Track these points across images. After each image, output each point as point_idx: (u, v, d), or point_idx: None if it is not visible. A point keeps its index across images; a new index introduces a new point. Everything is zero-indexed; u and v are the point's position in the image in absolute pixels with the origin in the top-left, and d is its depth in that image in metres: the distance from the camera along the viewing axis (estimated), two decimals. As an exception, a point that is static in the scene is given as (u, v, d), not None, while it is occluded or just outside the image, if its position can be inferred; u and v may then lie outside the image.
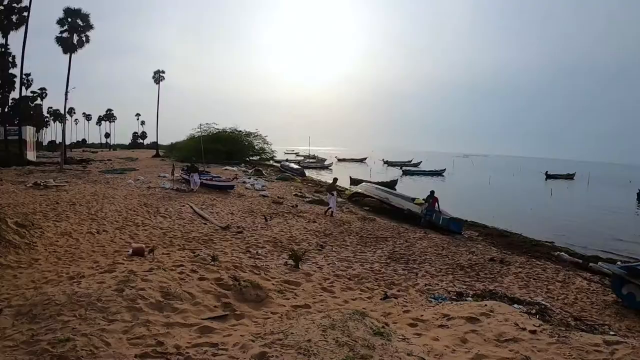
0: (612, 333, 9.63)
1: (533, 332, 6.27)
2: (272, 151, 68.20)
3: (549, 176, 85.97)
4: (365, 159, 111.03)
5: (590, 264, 17.32)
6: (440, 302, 8.80)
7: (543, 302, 11.26)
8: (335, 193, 21.43)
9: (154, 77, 75.47)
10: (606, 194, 61.52)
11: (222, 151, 53.55)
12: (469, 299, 10.09)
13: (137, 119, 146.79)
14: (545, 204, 44.77)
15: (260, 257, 11.84)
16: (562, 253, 19.63)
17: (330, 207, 21.31)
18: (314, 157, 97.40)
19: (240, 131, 62.86)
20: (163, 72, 75.91)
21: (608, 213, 39.66)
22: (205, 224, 15.81)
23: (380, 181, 41.60)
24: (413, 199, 25.30)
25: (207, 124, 59.66)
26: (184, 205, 18.79)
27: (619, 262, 16.06)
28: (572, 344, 5.91)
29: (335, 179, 25.22)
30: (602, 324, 10.56)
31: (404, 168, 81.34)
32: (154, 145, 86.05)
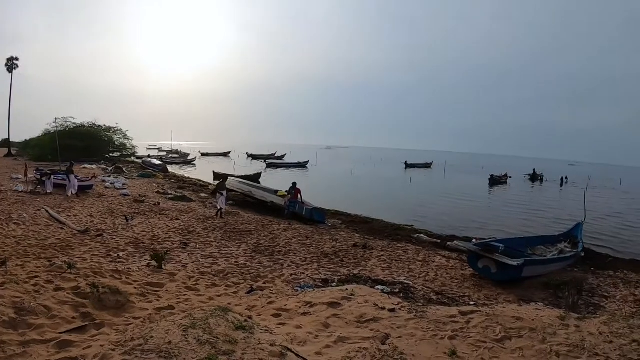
0: (472, 303, 10.40)
1: (392, 310, 6.58)
2: (134, 147, 65.45)
3: (408, 165, 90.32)
4: (229, 152, 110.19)
5: (448, 243, 18.33)
6: (306, 290, 8.99)
7: (406, 281, 11.90)
8: (224, 192, 21.10)
9: (6, 65, 66.03)
10: (461, 180, 65.78)
11: (80, 147, 49.93)
12: (334, 284, 10.41)
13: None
14: (405, 190, 46.85)
15: (121, 260, 11.38)
16: (422, 235, 20.65)
17: (221, 208, 20.90)
18: (177, 152, 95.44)
19: (100, 126, 59.36)
20: (17, 59, 66.81)
21: (462, 197, 42.28)
22: (62, 228, 14.98)
23: (244, 175, 41.52)
24: (276, 192, 25.56)
25: (63, 117, 56.02)
26: (39, 210, 17.67)
27: (474, 240, 17.10)
28: (430, 317, 6.29)
29: (225, 177, 24.87)
30: (462, 296, 11.39)
31: (268, 161, 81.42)
32: (6, 143, 76.15)
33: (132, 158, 63.44)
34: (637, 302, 12.50)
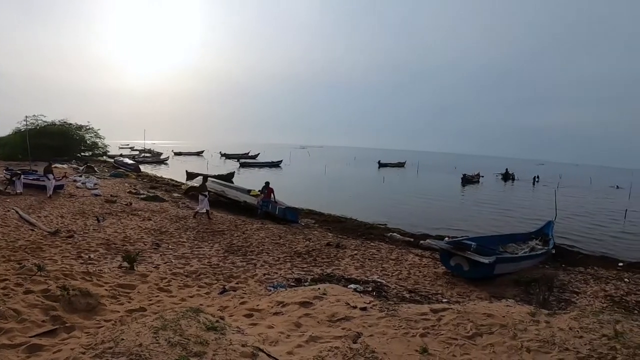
0: (445, 300, 10.49)
1: (364, 309, 6.60)
2: (105, 146, 64.17)
3: (381, 165, 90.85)
4: (202, 152, 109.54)
5: (421, 242, 18.49)
6: (279, 290, 8.98)
7: (379, 280, 11.96)
8: (207, 194, 20.92)
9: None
10: (433, 179, 66.59)
11: (51, 147, 48.46)
12: (307, 284, 10.43)
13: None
14: (378, 190, 47.06)
15: (92, 262, 11.21)
16: (395, 233, 20.77)
17: (203, 209, 20.56)
18: (149, 151, 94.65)
19: (71, 124, 58.31)
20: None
21: (435, 196, 42.68)
22: (33, 230, 14.75)
23: (217, 174, 41.35)
24: (249, 191, 25.49)
25: (34, 115, 54.94)
26: (9, 211, 17.38)
27: (446, 238, 17.31)
28: (401, 315, 6.31)
29: (206, 178, 24.67)
30: (435, 293, 11.49)
31: (241, 160, 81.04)
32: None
33: (104, 157, 62.34)
34: (607, 298, 12.76)
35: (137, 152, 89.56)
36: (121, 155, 66.04)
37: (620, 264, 17.93)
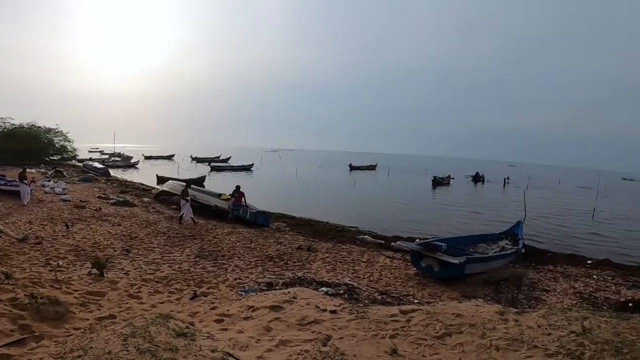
0: (416, 301, 10.56)
1: (333, 311, 6.64)
2: (75, 149, 62.86)
3: (352, 167, 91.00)
4: (173, 155, 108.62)
5: (392, 244, 18.56)
6: (250, 295, 8.96)
7: (350, 282, 12.00)
8: (189, 199, 20.73)
9: None
10: (405, 182, 67.11)
11: (19, 150, 46.86)
12: (279, 287, 10.42)
13: None
14: (350, 192, 47.23)
15: (61, 269, 11.03)
16: (366, 236, 20.86)
17: (184, 214, 20.43)
18: (119, 155, 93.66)
19: (40, 127, 57.15)
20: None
21: (406, 198, 43.03)
22: (0, 236, 14.57)
23: (188, 178, 41.08)
24: (220, 195, 25.35)
25: (1, 118, 53.66)
26: (-27, 218, 17.08)
27: (417, 240, 17.39)
28: (371, 317, 6.36)
29: (188, 183, 24.40)
30: (406, 295, 11.57)
31: (212, 164, 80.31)
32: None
33: (73, 161, 60.97)
34: (576, 295, 13.02)
35: (106, 156, 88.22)
36: (90, 159, 65.10)
37: (589, 262, 18.29)
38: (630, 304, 11.44)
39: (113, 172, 49.88)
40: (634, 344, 4.91)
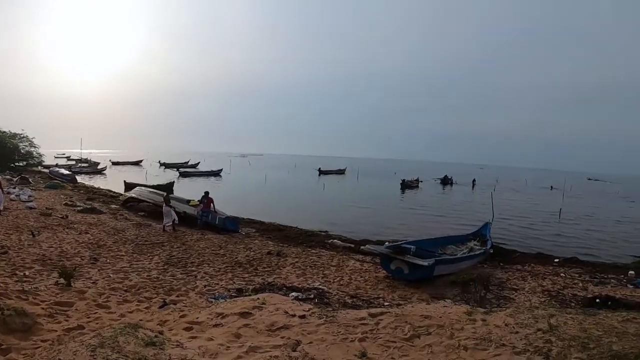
0: (386, 304, 10.63)
1: (303, 316, 6.66)
2: (40, 155, 61.53)
3: (322, 172, 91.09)
4: (141, 161, 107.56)
5: (361, 247, 18.62)
6: (219, 302, 8.92)
7: (320, 287, 12.03)
8: (172, 205, 20.52)
9: None
10: (374, 185, 67.56)
11: None
12: (248, 294, 10.40)
13: None
14: (319, 197, 47.31)
15: (28, 279, 10.85)
16: (335, 240, 20.93)
17: (168, 222, 20.22)
18: (86, 160, 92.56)
19: (4, 132, 55.86)
20: None
21: (375, 202, 43.28)
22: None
23: (156, 184, 40.66)
24: (188, 201, 25.17)
25: None
26: None
27: (386, 243, 17.46)
28: (340, 321, 6.40)
29: (170, 189, 23.96)
30: (377, 297, 11.63)
31: (181, 170, 79.74)
32: None
33: (39, 168, 59.76)
34: (545, 293, 13.26)
35: (73, 162, 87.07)
36: (57, 166, 63.54)
37: (556, 260, 18.68)
38: (597, 300, 11.69)
39: (80, 179, 49.25)
40: (600, 339, 5.01)
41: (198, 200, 23.36)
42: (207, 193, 23.01)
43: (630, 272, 16.75)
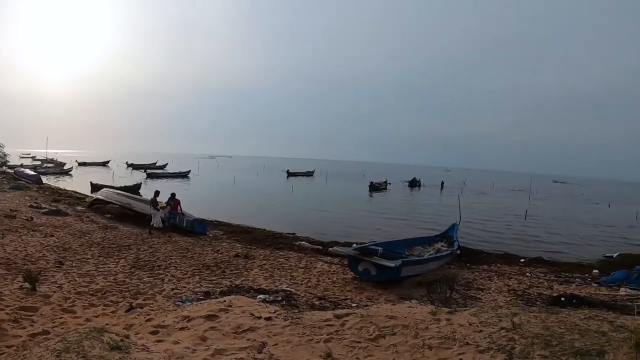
0: (354, 305, 10.70)
1: (268, 318, 6.69)
2: (5, 155, 60.73)
3: (290, 174, 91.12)
4: (108, 162, 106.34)
5: (329, 249, 18.73)
6: (186, 305, 8.91)
7: (288, 289, 12.06)
8: (159, 208, 20.33)
9: None
10: (342, 187, 67.88)
11: None
12: (215, 296, 10.38)
13: None
14: (287, 199, 47.29)
15: (-9, 283, 10.84)
16: (303, 242, 20.97)
17: (154, 224, 20.22)
18: (52, 161, 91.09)
19: None
20: None
21: (343, 204, 43.45)
22: None
23: (123, 186, 40.23)
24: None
25: None
26: None
27: (354, 244, 17.57)
28: (306, 323, 6.46)
29: (157, 192, 23.76)
30: (344, 299, 11.71)
31: (148, 171, 78.90)
32: None
33: (3, 168, 58.86)
34: (511, 292, 13.52)
35: (39, 162, 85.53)
36: (22, 166, 62.64)
37: (522, 260, 19.07)
38: (562, 299, 11.97)
39: (45, 179, 48.34)
40: (562, 336, 5.14)
41: (165, 202, 23.21)
42: (173, 195, 22.89)
43: (594, 270, 17.22)
